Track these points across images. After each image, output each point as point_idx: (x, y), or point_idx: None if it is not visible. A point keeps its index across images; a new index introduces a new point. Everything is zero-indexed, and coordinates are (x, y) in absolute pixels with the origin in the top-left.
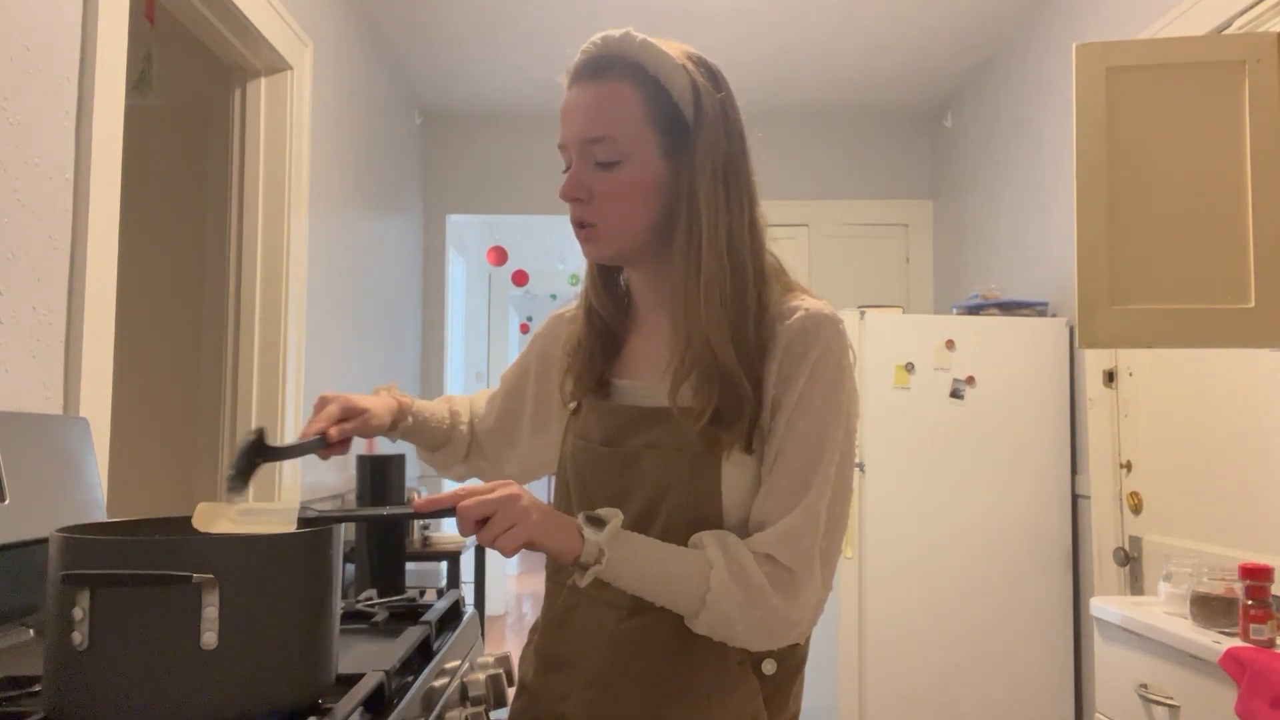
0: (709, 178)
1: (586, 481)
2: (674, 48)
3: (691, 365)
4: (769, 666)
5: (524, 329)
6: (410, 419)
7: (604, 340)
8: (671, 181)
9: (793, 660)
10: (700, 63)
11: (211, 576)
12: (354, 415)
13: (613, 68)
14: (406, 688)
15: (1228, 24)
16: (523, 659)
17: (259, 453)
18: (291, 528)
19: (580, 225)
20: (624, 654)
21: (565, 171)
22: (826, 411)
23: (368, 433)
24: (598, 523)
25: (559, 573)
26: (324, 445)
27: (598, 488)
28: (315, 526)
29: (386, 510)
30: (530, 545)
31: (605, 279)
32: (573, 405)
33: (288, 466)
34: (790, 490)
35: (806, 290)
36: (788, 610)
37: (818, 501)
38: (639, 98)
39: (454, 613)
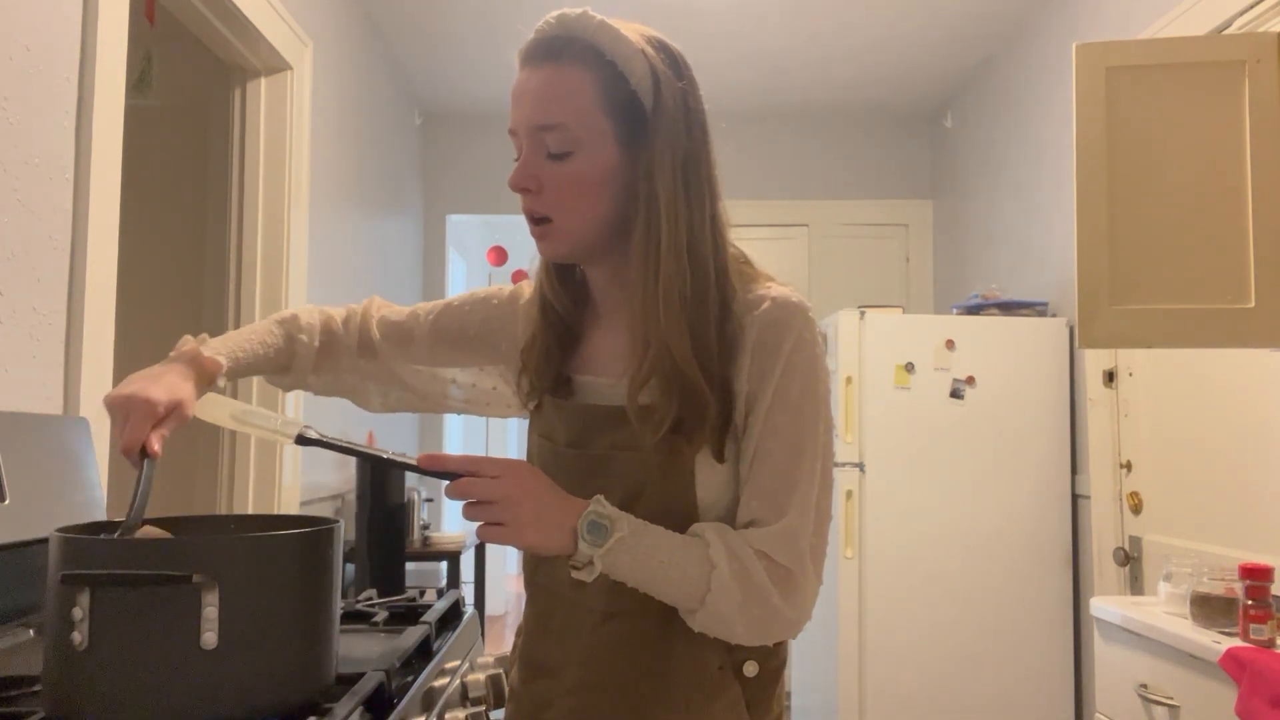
0: (668, 172)
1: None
2: (633, 30)
3: (650, 370)
4: (750, 669)
5: None
6: (223, 380)
7: (561, 336)
8: (627, 173)
9: (774, 662)
10: (661, 48)
11: (211, 577)
12: (169, 416)
13: (567, 50)
14: (406, 688)
15: (1228, 24)
16: (510, 662)
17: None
18: (289, 440)
19: (534, 220)
20: (601, 662)
21: (516, 160)
22: (804, 405)
23: (183, 421)
24: (598, 530)
25: (537, 573)
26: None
27: (568, 491)
28: (312, 445)
29: (388, 454)
30: (515, 546)
31: (561, 273)
32: (533, 403)
33: (287, 468)
34: (777, 490)
35: (771, 278)
36: (787, 610)
37: (807, 499)
38: (594, 84)
39: (454, 613)
